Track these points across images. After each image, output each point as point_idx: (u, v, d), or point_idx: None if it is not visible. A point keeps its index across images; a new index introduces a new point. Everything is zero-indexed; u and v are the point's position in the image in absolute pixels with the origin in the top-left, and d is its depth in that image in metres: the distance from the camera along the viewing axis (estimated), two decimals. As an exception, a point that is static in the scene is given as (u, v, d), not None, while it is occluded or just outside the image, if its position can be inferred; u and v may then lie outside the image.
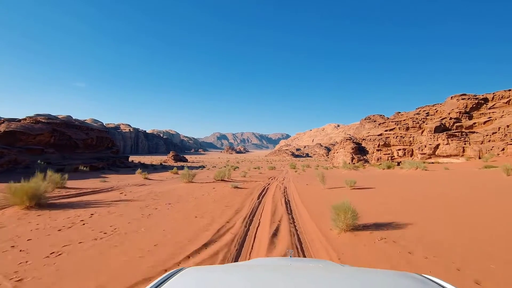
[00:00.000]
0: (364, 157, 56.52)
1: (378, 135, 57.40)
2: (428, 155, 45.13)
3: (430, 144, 44.81)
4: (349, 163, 54.90)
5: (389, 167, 32.47)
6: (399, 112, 75.98)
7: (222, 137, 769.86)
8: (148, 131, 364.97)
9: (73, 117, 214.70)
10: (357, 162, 54.83)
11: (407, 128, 54.15)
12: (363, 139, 61.60)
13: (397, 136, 52.98)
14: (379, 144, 55.01)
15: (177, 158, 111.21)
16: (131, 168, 39.80)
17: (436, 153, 44.34)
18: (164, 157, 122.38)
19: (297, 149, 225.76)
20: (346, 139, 61.50)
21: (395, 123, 57.65)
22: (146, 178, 20.22)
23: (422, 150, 46.23)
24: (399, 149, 51.35)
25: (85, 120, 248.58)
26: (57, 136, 32.63)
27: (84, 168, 26.99)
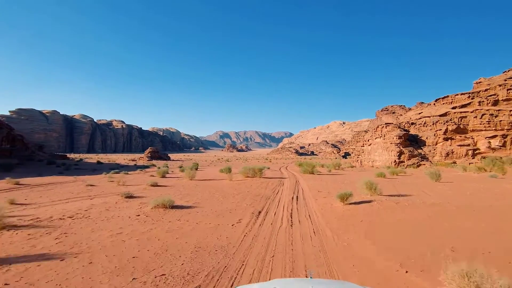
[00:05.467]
0: (419, 150, 34.13)
1: (441, 116, 34.87)
2: None
3: None
4: (395, 162, 32.56)
5: None
6: (451, 94, 52.99)
7: (225, 135, 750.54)
8: (149, 129, 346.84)
9: (61, 113, 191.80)
10: (408, 159, 32.52)
11: (495, 102, 31.57)
12: (412, 124, 39.07)
13: (482, 115, 30.42)
14: (447, 129, 32.52)
15: (154, 156, 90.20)
16: None
17: None
18: (141, 155, 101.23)
19: (301, 147, 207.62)
20: (386, 124, 38.99)
21: (469, 96, 35.08)
22: None
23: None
24: (491, 136, 28.85)
25: (74, 116, 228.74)
26: None
27: None
